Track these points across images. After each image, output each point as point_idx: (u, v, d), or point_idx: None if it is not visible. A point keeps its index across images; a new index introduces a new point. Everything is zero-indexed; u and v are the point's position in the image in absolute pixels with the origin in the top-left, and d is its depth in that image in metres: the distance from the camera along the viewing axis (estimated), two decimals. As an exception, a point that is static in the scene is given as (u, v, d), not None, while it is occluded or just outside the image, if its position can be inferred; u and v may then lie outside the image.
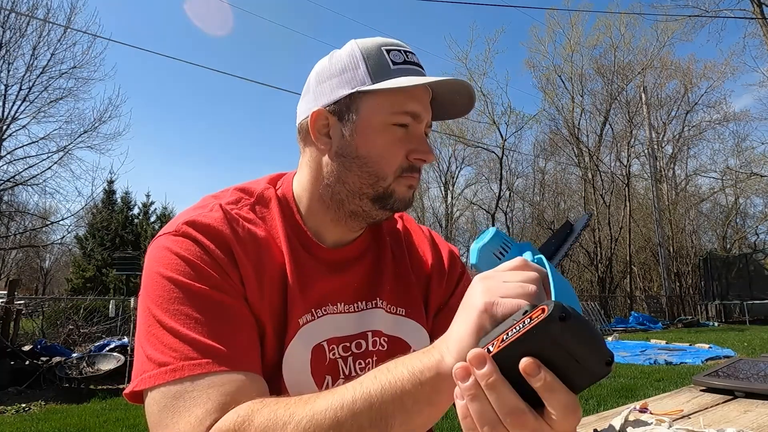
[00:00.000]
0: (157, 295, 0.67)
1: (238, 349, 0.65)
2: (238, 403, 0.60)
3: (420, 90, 0.79)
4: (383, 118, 0.77)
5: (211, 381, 0.61)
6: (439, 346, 0.54)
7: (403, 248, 0.92)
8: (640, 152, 23.44)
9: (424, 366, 0.53)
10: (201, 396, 0.60)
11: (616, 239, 21.11)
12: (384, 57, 0.79)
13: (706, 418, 1.05)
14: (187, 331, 0.63)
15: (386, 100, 0.78)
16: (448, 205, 25.98)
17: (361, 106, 0.78)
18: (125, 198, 25.44)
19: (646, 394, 4.64)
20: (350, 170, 0.79)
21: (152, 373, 0.62)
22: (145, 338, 0.66)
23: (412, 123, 0.79)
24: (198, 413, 0.59)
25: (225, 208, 0.77)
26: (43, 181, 12.84)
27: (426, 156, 0.80)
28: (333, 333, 0.79)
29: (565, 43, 23.98)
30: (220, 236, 0.72)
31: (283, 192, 0.85)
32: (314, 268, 0.80)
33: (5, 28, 12.10)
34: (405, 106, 0.77)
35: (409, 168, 0.80)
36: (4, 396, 5.57)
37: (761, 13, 16.94)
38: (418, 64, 0.82)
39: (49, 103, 12.89)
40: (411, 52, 0.83)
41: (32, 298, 11.37)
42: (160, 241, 0.72)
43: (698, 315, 18.64)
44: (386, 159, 0.78)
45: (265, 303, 0.72)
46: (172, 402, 0.60)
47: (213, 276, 0.68)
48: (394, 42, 0.83)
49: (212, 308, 0.66)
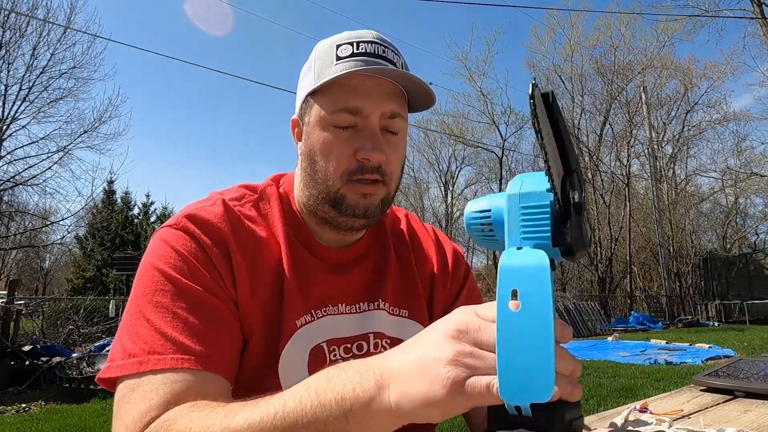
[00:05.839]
0: (144, 285, 0.67)
1: (210, 350, 0.64)
2: (183, 399, 0.59)
3: (365, 82, 0.74)
4: (324, 117, 0.75)
5: (167, 378, 0.60)
6: (379, 375, 0.47)
7: (408, 248, 0.91)
8: (640, 152, 23.44)
9: (353, 397, 0.47)
10: (151, 391, 0.59)
11: (616, 239, 21.10)
12: (331, 53, 0.76)
13: (706, 418, 1.05)
14: (161, 324, 0.63)
15: (326, 99, 0.76)
16: (448, 205, 25.97)
17: (311, 108, 0.77)
18: (125, 198, 25.47)
19: (646, 394, 4.64)
20: (309, 174, 0.78)
21: (120, 363, 0.62)
22: (124, 325, 0.66)
23: (359, 120, 0.74)
24: (142, 408, 0.58)
25: (227, 204, 0.77)
26: (43, 181, 12.84)
27: (367, 154, 0.73)
28: (333, 334, 0.78)
29: (565, 43, 23.98)
30: (217, 233, 0.72)
31: (285, 190, 0.85)
32: (315, 267, 0.79)
33: (5, 28, 12.08)
34: (344, 102, 0.74)
35: (358, 170, 0.74)
36: (4, 396, 5.56)
37: (761, 13, 16.93)
38: (373, 54, 0.75)
39: (49, 103, 12.89)
40: (374, 42, 0.77)
41: (32, 298, 11.36)
42: (160, 233, 0.73)
43: (698, 315, 18.63)
44: (329, 159, 0.75)
45: (256, 303, 0.72)
46: (128, 394, 0.60)
47: (204, 275, 0.68)
48: (358, 34, 0.78)
49: (195, 306, 0.66)
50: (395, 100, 0.76)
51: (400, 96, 0.78)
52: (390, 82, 0.76)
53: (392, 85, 0.76)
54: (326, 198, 0.76)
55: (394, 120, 0.77)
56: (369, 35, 0.78)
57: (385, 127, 0.76)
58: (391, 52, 0.78)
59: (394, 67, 0.75)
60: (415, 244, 0.93)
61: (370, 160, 0.73)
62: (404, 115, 0.79)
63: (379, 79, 0.75)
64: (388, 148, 0.75)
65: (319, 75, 0.76)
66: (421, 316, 0.85)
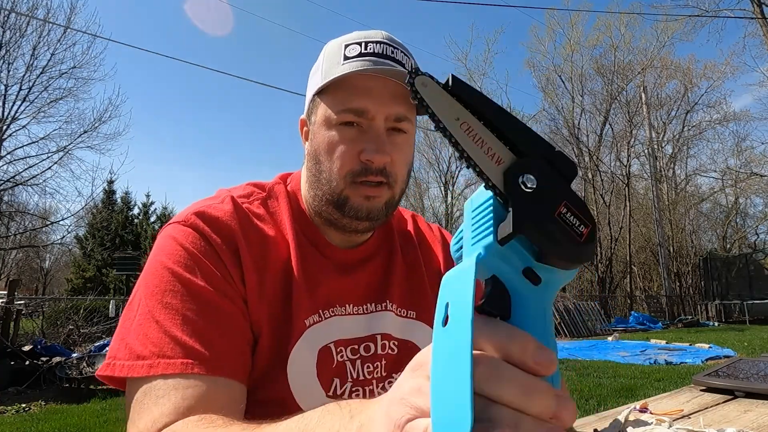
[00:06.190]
0: (154, 284, 0.66)
1: (220, 353, 0.63)
2: (194, 408, 0.58)
3: (371, 83, 0.73)
4: (330, 117, 0.75)
5: (178, 383, 0.60)
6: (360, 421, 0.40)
7: (415, 249, 0.91)
8: (640, 152, 23.43)
9: None
10: (163, 397, 0.59)
11: (616, 239, 21.10)
12: (339, 53, 0.76)
13: (706, 418, 1.05)
14: (171, 327, 0.63)
15: (331, 99, 0.75)
16: (448, 205, 25.94)
17: (318, 108, 0.77)
18: (125, 198, 25.44)
19: (646, 394, 4.64)
20: (314, 174, 0.78)
21: (128, 363, 0.62)
22: (129, 322, 0.66)
23: (364, 121, 0.74)
24: (155, 413, 0.59)
25: (236, 201, 0.77)
26: (43, 181, 12.82)
27: (370, 156, 0.72)
28: (340, 335, 0.77)
29: (565, 43, 23.99)
30: (226, 230, 0.72)
31: (293, 189, 0.85)
32: (323, 266, 0.78)
33: (5, 28, 12.07)
34: (349, 102, 0.73)
35: (362, 171, 0.73)
36: (4, 396, 5.56)
37: (761, 13, 16.93)
38: (381, 54, 0.74)
39: (49, 103, 12.87)
40: (383, 42, 0.76)
41: (32, 298, 11.36)
42: (169, 230, 0.72)
43: (698, 315, 18.61)
44: (332, 160, 0.74)
45: (265, 302, 0.71)
46: (141, 397, 0.61)
47: (214, 273, 0.68)
48: (367, 34, 0.77)
49: (205, 308, 0.65)
50: (402, 102, 0.75)
51: (407, 98, 0.76)
52: (398, 84, 0.74)
53: (400, 87, 0.74)
54: (330, 199, 0.76)
55: (400, 122, 0.75)
56: (378, 35, 0.77)
57: (391, 128, 0.75)
58: (400, 53, 0.77)
59: (401, 68, 0.74)
60: (422, 244, 0.93)
61: (374, 162, 0.73)
62: (411, 118, 0.77)
63: (386, 80, 0.74)
64: (393, 150, 0.74)
65: (326, 75, 0.75)
66: (428, 318, 0.85)
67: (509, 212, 0.33)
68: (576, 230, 0.33)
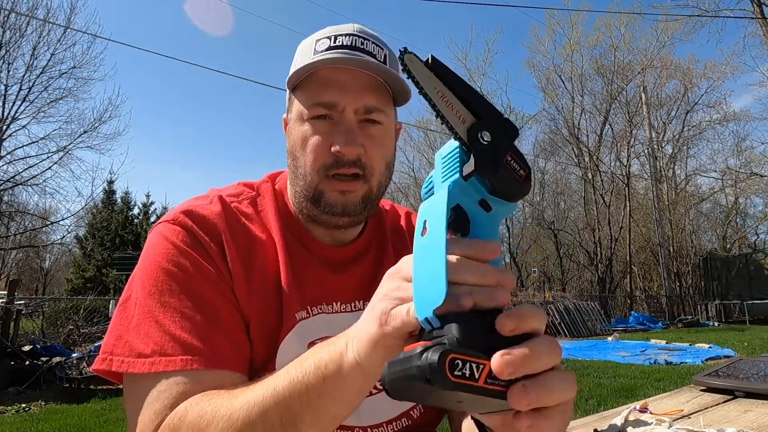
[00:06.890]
0: (151, 284, 0.67)
1: (218, 347, 0.65)
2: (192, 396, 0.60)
3: (340, 75, 0.73)
4: (302, 112, 0.75)
5: (178, 379, 0.61)
6: (347, 334, 0.51)
7: (407, 247, 0.91)
8: (640, 152, 23.45)
9: (329, 358, 0.51)
10: (164, 392, 0.61)
11: (616, 239, 21.10)
12: (310, 48, 0.76)
13: (706, 418, 1.05)
14: (170, 325, 0.64)
15: (304, 95, 0.76)
16: (448, 205, 25.90)
17: (293, 104, 0.78)
18: (125, 198, 25.46)
19: (646, 394, 4.64)
20: (293, 171, 0.79)
21: (128, 360, 0.63)
22: (127, 320, 0.67)
23: (335, 114, 0.74)
24: (157, 408, 0.60)
25: (225, 200, 0.78)
26: (43, 181, 12.86)
27: (341, 147, 0.72)
28: (327, 332, 0.77)
29: (565, 43, 24.00)
30: (213, 229, 0.73)
31: (280, 187, 0.86)
32: (310, 263, 0.79)
33: (5, 28, 12.09)
34: (319, 96, 0.73)
35: (334, 164, 0.73)
36: (4, 396, 5.56)
37: (761, 13, 16.93)
38: (351, 47, 0.74)
39: (48, 103, 12.91)
40: (352, 34, 0.76)
41: (32, 298, 11.35)
42: (159, 229, 0.73)
43: (698, 315, 18.62)
44: (306, 154, 0.75)
45: (252, 301, 0.72)
46: (143, 393, 0.62)
47: (205, 268, 0.69)
48: (338, 28, 0.77)
49: (200, 304, 0.67)
50: (373, 93, 0.75)
51: (380, 89, 0.76)
52: (369, 75, 0.74)
53: (371, 79, 0.74)
54: (307, 194, 0.77)
55: (371, 113, 0.75)
56: (348, 28, 0.77)
57: (364, 120, 0.75)
58: (371, 44, 0.76)
59: (371, 59, 0.73)
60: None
61: (344, 153, 0.73)
62: (386, 110, 0.77)
63: (357, 72, 0.73)
64: (367, 142, 0.74)
65: (298, 69, 0.75)
66: None
67: (471, 157, 0.44)
68: (517, 173, 0.46)
